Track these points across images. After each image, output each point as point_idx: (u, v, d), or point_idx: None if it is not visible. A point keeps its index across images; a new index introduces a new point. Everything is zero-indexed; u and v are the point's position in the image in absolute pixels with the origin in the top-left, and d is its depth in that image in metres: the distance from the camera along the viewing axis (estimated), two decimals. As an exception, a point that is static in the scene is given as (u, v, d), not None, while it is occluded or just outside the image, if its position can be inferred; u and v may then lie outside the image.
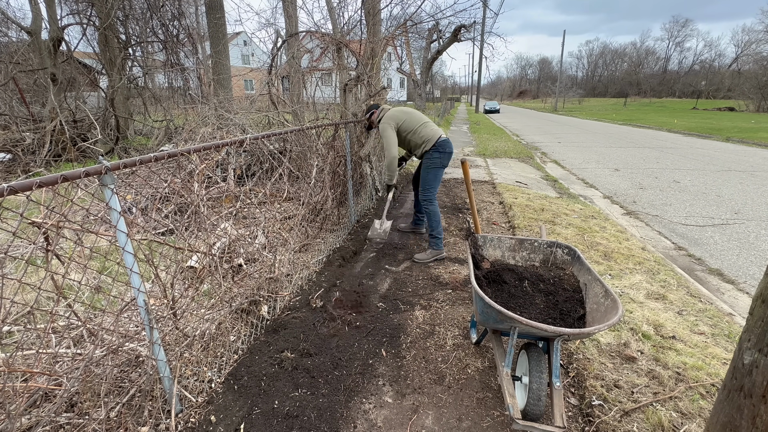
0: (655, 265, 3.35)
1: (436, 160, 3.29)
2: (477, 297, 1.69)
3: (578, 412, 1.80)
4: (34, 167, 6.46)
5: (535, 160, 9.62)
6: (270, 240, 2.84)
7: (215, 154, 3.34)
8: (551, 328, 1.42)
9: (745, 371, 1.08)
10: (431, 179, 3.34)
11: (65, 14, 8.65)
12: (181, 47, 9.65)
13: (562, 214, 4.71)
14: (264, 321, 2.45)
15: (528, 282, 2.07)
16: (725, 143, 12.87)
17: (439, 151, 3.28)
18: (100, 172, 1.30)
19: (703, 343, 2.24)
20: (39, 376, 1.56)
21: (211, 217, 2.36)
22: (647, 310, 2.60)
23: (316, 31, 7.09)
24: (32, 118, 7.78)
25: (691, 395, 1.83)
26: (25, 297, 2.37)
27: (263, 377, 1.97)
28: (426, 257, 3.40)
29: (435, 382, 1.98)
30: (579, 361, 2.08)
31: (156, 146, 7.84)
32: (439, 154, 3.28)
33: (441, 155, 3.29)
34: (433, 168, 3.30)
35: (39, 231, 1.29)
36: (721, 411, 1.18)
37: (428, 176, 3.34)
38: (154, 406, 1.68)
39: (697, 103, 45.74)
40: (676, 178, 7.45)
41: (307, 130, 3.74)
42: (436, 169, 3.30)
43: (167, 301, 1.79)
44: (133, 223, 2.27)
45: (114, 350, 1.66)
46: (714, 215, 5.18)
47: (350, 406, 1.82)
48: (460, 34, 13.47)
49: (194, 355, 1.93)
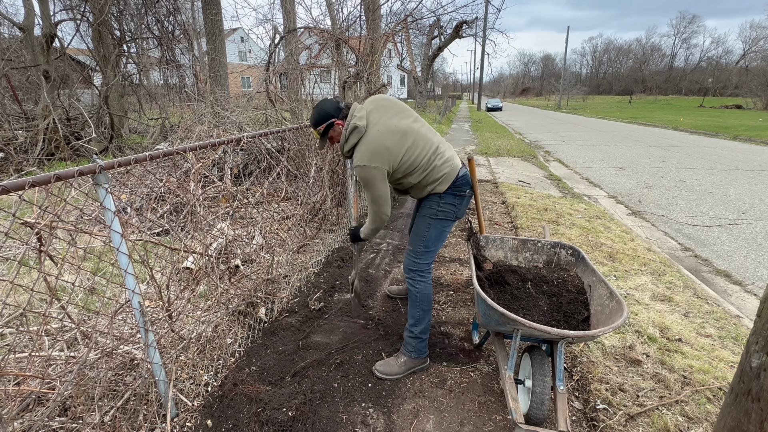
0: (661, 266, 3.35)
1: (448, 209, 1.95)
2: (479, 299, 1.69)
3: (582, 417, 1.80)
4: (27, 166, 6.46)
5: (538, 158, 9.63)
6: (267, 240, 2.84)
7: (212, 153, 3.34)
8: (555, 330, 1.42)
9: (753, 374, 1.08)
10: (431, 235, 1.98)
11: (58, 10, 8.68)
12: (177, 44, 9.65)
13: (565, 214, 4.71)
14: (261, 323, 2.45)
15: (531, 283, 2.07)
16: (732, 142, 12.88)
17: (456, 195, 1.94)
18: (94, 171, 1.30)
19: (709, 346, 2.24)
20: (32, 380, 1.56)
21: (208, 217, 2.36)
22: (653, 312, 2.60)
23: (314, 27, 7.08)
24: (25, 116, 7.79)
25: (697, 399, 1.83)
26: (18, 299, 2.37)
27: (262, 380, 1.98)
28: (395, 370, 2.03)
29: (436, 385, 1.98)
30: (583, 364, 2.08)
31: (151, 145, 7.84)
32: (455, 199, 1.95)
33: (458, 201, 1.96)
34: (437, 218, 1.96)
35: (32, 231, 1.29)
36: (729, 415, 1.18)
37: (428, 230, 1.98)
38: (149, 411, 1.68)
39: (704, 100, 45.73)
40: (683, 177, 7.45)
41: (306, 129, 3.74)
42: (442, 220, 1.97)
43: (162, 303, 1.79)
44: (128, 223, 2.27)
45: (108, 353, 1.66)
46: (721, 215, 5.18)
47: (350, 410, 1.82)
48: (461, 30, 13.49)
49: (190, 358, 1.93)
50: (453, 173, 1.90)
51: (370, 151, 1.79)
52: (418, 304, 2.00)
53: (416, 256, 2.01)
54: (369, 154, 1.79)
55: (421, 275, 2.00)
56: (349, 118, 1.85)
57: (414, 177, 1.89)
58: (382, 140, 1.79)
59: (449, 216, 1.96)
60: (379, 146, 1.79)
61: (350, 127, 1.83)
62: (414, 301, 2.01)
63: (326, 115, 1.87)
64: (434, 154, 1.89)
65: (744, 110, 32.59)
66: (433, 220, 1.96)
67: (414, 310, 2.01)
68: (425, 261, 2.00)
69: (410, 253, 2.04)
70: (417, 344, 2.03)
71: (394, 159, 1.82)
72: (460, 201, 1.96)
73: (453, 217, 1.97)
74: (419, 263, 2.00)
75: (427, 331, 2.04)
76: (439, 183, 1.90)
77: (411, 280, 2.02)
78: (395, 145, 1.81)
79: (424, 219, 1.98)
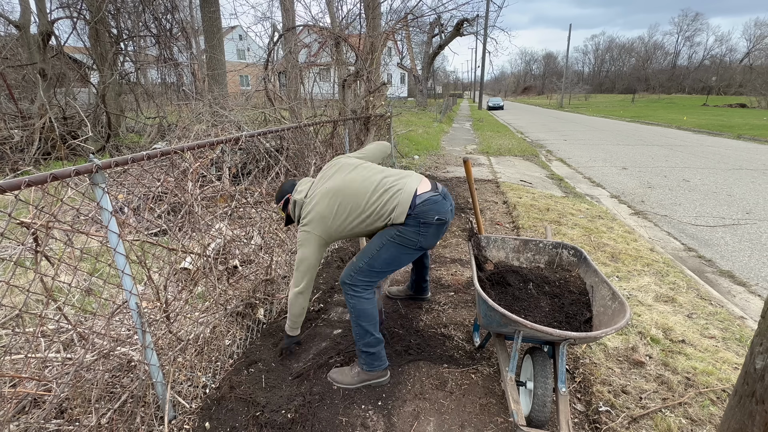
0: (664, 266, 3.35)
1: (411, 236, 1.79)
2: (480, 300, 1.69)
3: (585, 419, 1.80)
4: (23, 165, 6.46)
5: (540, 158, 9.63)
6: (266, 241, 2.84)
7: (210, 152, 3.34)
8: (557, 331, 1.42)
9: (757, 376, 1.08)
10: (383, 259, 1.84)
11: (55, 8, 8.65)
12: (175, 42, 9.65)
13: (567, 214, 4.72)
14: (260, 325, 2.45)
15: (533, 284, 2.07)
16: (736, 141, 12.88)
17: (421, 223, 1.77)
18: (91, 170, 1.30)
19: (713, 348, 2.24)
20: (27, 382, 1.56)
21: (206, 218, 2.36)
22: (656, 313, 2.60)
23: (314, 25, 7.09)
24: (21, 114, 7.78)
25: (701, 401, 1.83)
26: (14, 299, 2.38)
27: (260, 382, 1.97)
28: (348, 380, 1.98)
29: (437, 387, 1.98)
30: (585, 366, 2.08)
31: (149, 144, 7.84)
32: (420, 228, 1.78)
33: (423, 230, 1.79)
34: (394, 243, 1.81)
35: (28, 231, 1.29)
36: (732, 417, 1.18)
37: (380, 253, 1.83)
38: (146, 413, 1.68)
39: (708, 99, 45.73)
40: (686, 176, 7.45)
41: (305, 128, 3.74)
42: (398, 246, 1.82)
43: (160, 304, 1.79)
44: (125, 223, 2.27)
45: (105, 355, 1.66)
46: (725, 215, 5.18)
47: (349, 412, 1.82)
48: (462, 28, 13.50)
49: (188, 360, 1.93)
50: (405, 202, 1.76)
51: (307, 218, 1.87)
52: (354, 319, 1.90)
53: (355, 271, 1.87)
54: (306, 220, 1.87)
55: (356, 290, 1.87)
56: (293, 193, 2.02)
57: (365, 224, 1.82)
58: (315, 208, 1.85)
59: (410, 244, 1.81)
60: (315, 214, 1.84)
61: (292, 201, 2.01)
62: (352, 316, 1.91)
63: (283, 193, 2.08)
64: (374, 193, 1.80)
65: (748, 109, 32.59)
66: (388, 242, 1.81)
67: (353, 325, 1.92)
68: (364, 279, 1.87)
69: (351, 265, 1.91)
70: (366, 358, 1.94)
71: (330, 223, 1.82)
72: (426, 229, 1.78)
73: (416, 246, 1.82)
74: (355, 278, 1.87)
75: (376, 345, 1.92)
76: (393, 217, 1.78)
77: (345, 293, 1.90)
78: (325, 209, 1.82)
79: (379, 237, 1.85)
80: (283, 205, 2.07)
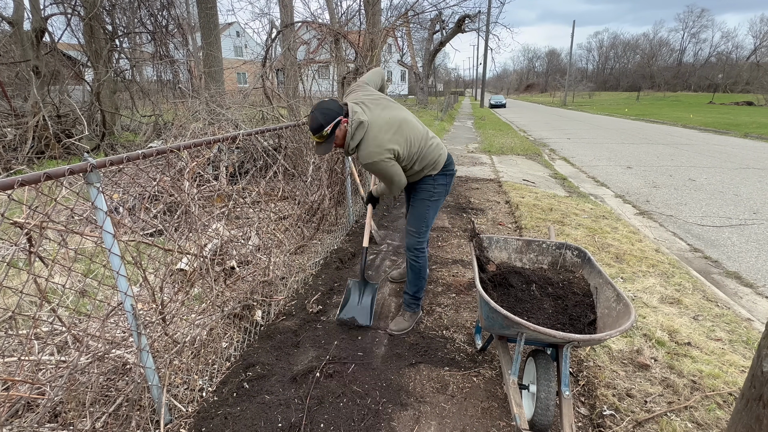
0: (670, 267, 3.35)
1: (441, 189, 2.28)
2: (482, 301, 1.69)
3: (588, 423, 1.80)
4: (16, 164, 6.46)
5: (543, 157, 9.63)
6: (264, 241, 2.85)
7: (206, 151, 3.34)
8: (560, 334, 1.42)
9: (765, 379, 1.08)
10: (431, 215, 2.32)
11: (48, 4, 8.65)
12: (171, 38, 9.65)
13: (571, 214, 4.72)
14: (258, 327, 2.45)
15: (536, 285, 2.07)
16: (743, 139, 12.88)
17: (447, 174, 2.29)
18: (86, 169, 1.30)
19: (719, 350, 2.24)
20: (21, 385, 1.56)
21: (202, 218, 2.36)
22: (661, 315, 2.60)
23: (312, 22, 7.09)
24: (14, 112, 7.78)
25: (707, 405, 1.83)
26: (7, 301, 2.38)
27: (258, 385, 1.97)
28: (406, 325, 2.46)
29: (438, 390, 1.98)
30: (589, 369, 2.08)
31: (144, 142, 7.84)
32: (446, 179, 2.29)
33: (448, 180, 2.31)
34: (435, 200, 2.28)
35: (21, 231, 1.29)
36: (739, 421, 1.18)
37: (428, 211, 2.30)
38: (142, 416, 1.68)
39: (714, 97, 45.75)
40: (692, 176, 7.45)
41: (303, 126, 3.74)
42: (437, 200, 2.30)
43: (156, 306, 1.79)
44: (120, 223, 2.27)
45: (100, 357, 1.66)
46: (731, 215, 5.18)
47: (349, 415, 1.82)
48: (464, 24, 13.49)
49: (184, 363, 1.93)
50: (444, 155, 2.25)
51: (377, 145, 1.98)
52: (421, 275, 2.41)
53: (419, 235, 2.32)
54: (378, 149, 1.98)
55: (423, 251, 2.37)
56: (351, 115, 1.98)
57: (417, 164, 2.16)
58: (384, 134, 1.99)
59: (442, 195, 2.31)
60: (383, 140, 1.99)
61: (355, 123, 1.97)
62: (417, 274, 2.40)
63: (334, 114, 1.95)
64: (424, 139, 2.15)
65: (755, 107, 32.58)
66: (431, 202, 2.28)
67: (417, 280, 2.42)
68: (425, 239, 2.36)
69: (413, 234, 2.33)
70: (418, 303, 2.52)
71: (400, 148, 2.03)
72: (450, 180, 2.31)
73: (445, 195, 2.33)
74: (421, 241, 2.34)
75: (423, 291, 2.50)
76: (434, 166, 2.20)
77: (414, 257, 2.36)
78: (395, 136, 2.02)
79: (422, 202, 2.28)
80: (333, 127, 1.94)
